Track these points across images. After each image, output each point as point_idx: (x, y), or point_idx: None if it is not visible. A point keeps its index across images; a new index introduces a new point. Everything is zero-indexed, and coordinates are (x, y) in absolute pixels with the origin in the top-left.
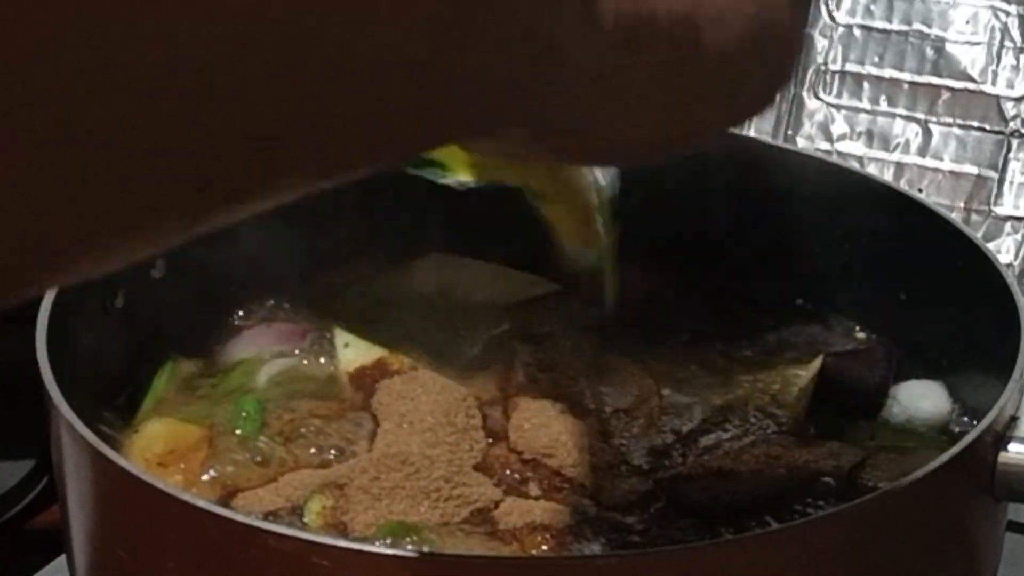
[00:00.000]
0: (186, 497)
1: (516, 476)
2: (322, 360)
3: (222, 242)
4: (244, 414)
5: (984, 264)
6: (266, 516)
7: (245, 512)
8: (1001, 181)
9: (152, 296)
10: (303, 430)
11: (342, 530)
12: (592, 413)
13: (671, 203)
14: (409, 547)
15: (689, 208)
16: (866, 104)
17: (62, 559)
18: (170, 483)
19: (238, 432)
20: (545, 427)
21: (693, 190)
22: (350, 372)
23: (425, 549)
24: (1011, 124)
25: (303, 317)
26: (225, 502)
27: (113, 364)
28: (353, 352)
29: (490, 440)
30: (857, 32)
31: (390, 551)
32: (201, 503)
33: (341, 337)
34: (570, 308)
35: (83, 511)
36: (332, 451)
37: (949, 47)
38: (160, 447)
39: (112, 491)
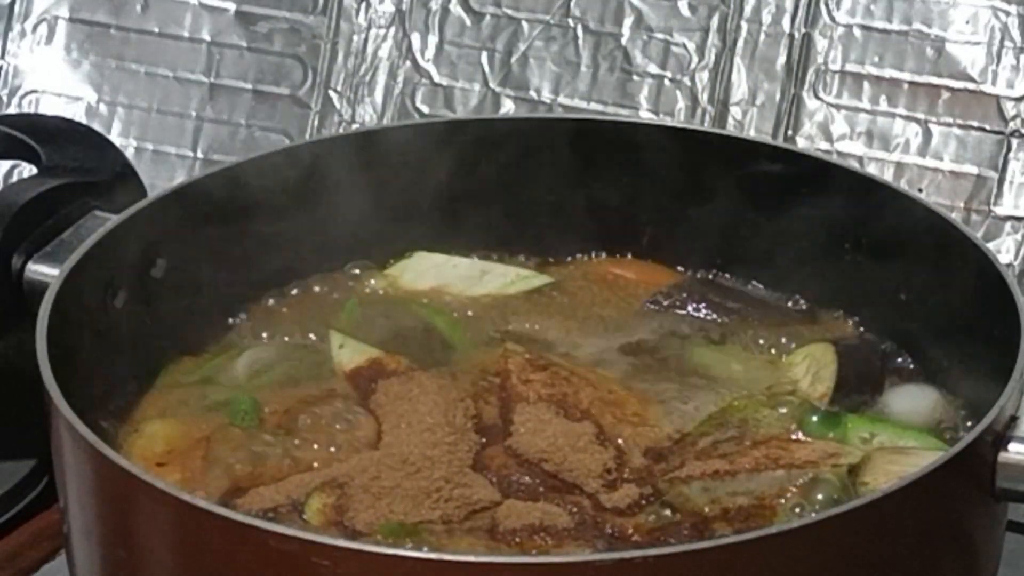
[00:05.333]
0: (186, 497)
1: (515, 478)
2: (309, 350)
3: (221, 244)
4: (240, 411)
5: (984, 264)
6: (266, 514)
7: (245, 511)
8: (1001, 181)
9: (152, 296)
10: (300, 424)
11: (342, 528)
12: (588, 414)
13: (670, 202)
14: (409, 547)
15: (689, 207)
16: (866, 104)
17: (62, 559)
18: (170, 483)
19: (237, 430)
20: (543, 429)
21: (693, 189)
22: (346, 372)
23: (425, 549)
24: (1011, 124)
25: (300, 318)
26: (226, 501)
27: (113, 364)
28: (349, 352)
29: (486, 441)
30: (857, 32)
31: (390, 551)
32: (201, 503)
33: (336, 338)
34: (563, 303)
35: (83, 511)
36: (332, 448)
37: (949, 47)
38: (160, 447)
39: (112, 491)
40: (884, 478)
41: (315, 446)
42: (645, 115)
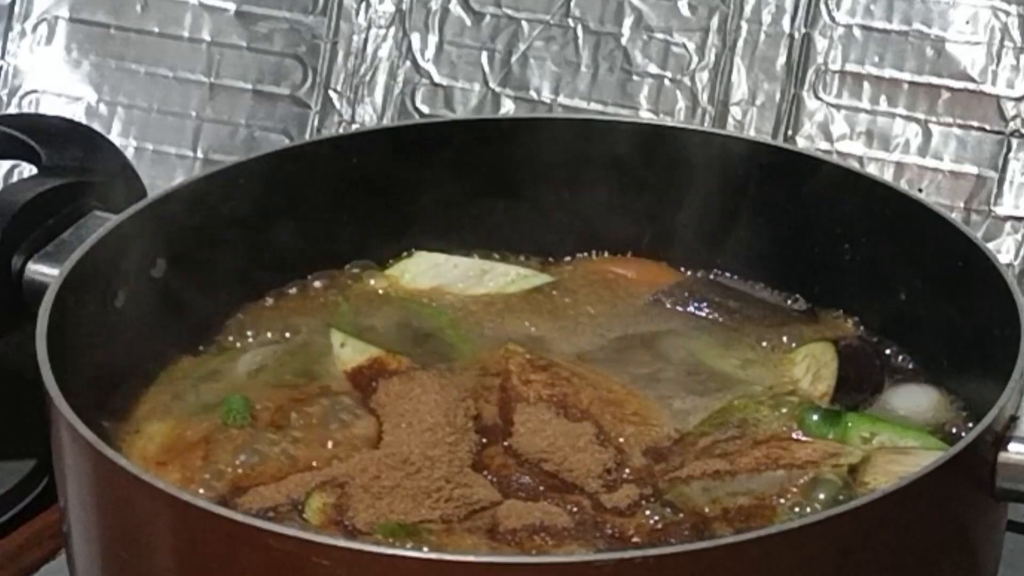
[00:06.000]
0: (186, 497)
1: (515, 478)
2: (309, 349)
3: (221, 244)
4: (232, 411)
5: (984, 264)
6: (266, 513)
7: (245, 511)
8: (1001, 181)
9: (152, 296)
10: (298, 423)
11: (342, 528)
12: (588, 414)
13: (670, 202)
14: (409, 547)
15: (689, 207)
16: (866, 104)
17: (62, 559)
18: (170, 483)
19: (236, 429)
20: (543, 430)
21: (693, 189)
22: (348, 371)
23: (425, 549)
24: (1011, 124)
25: (300, 317)
26: (226, 501)
27: (113, 364)
28: (350, 351)
29: (486, 440)
30: (857, 32)
31: (390, 551)
32: (201, 503)
33: (337, 337)
34: (563, 303)
35: (83, 511)
36: (330, 447)
37: (949, 47)
38: (160, 447)
39: (112, 491)
40: (884, 478)
41: (314, 445)
42: (645, 115)
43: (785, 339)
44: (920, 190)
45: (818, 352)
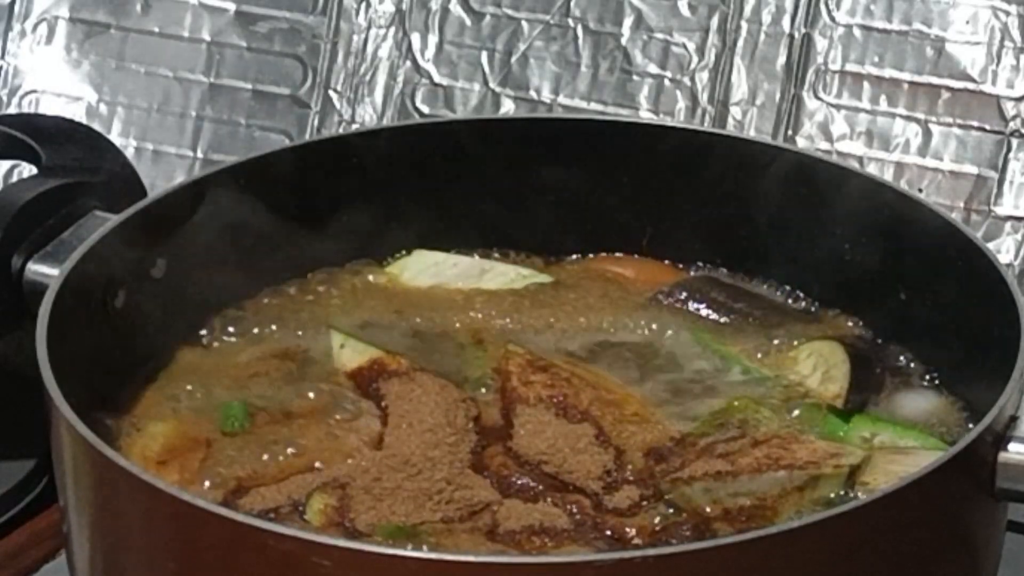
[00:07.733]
0: (186, 497)
1: (515, 479)
2: (309, 349)
3: (220, 243)
4: (231, 417)
5: (984, 264)
6: (267, 514)
7: (246, 511)
8: (1001, 181)
9: (152, 296)
10: (299, 423)
11: (343, 529)
12: (588, 415)
13: (670, 202)
14: (409, 548)
15: (689, 207)
16: (866, 104)
17: (62, 559)
18: (170, 483)
19: (231, 433)
20: (543, 431)
21: (693, 189)
22: (347, 372)
23: (425, 549)
24: (1011, 124)
25: (300, 317)
26: (226, 501)
27: (113, 364)
28: (349, 352)
29: (486, 442)
30: (857, 32)
31: (390, 551)
32: (201, 503)
33: (337, 338)
34: (563, 302)
35: (83, 511)
36: (330, 444)
37: (949, 47)
38: (160, 446)
39: (112, 491)
40: (884, 478)
41: (314, 446)
42: (645, 115)
43: (786, 338)
44: (920, 190)
45: (826, 351)
